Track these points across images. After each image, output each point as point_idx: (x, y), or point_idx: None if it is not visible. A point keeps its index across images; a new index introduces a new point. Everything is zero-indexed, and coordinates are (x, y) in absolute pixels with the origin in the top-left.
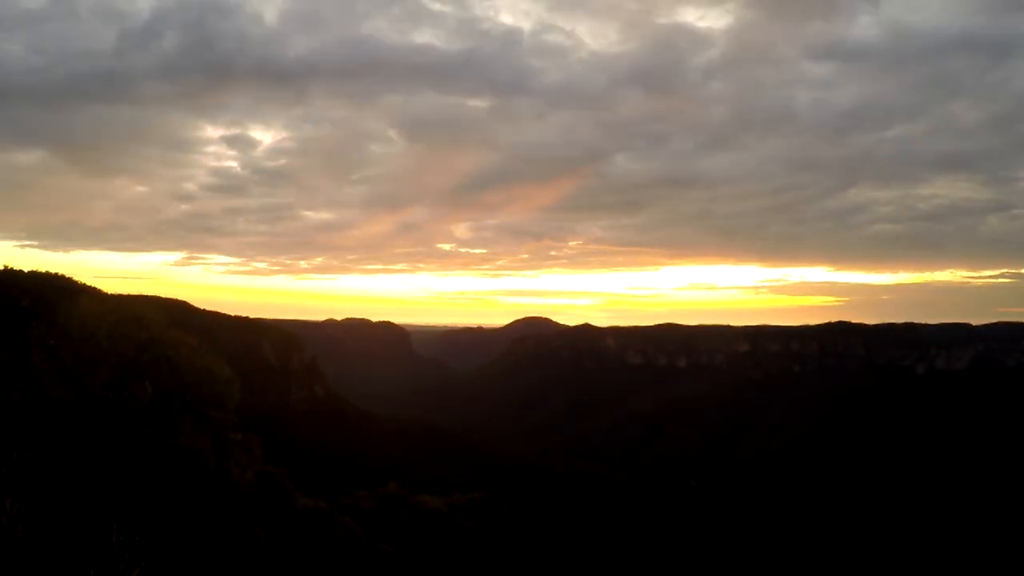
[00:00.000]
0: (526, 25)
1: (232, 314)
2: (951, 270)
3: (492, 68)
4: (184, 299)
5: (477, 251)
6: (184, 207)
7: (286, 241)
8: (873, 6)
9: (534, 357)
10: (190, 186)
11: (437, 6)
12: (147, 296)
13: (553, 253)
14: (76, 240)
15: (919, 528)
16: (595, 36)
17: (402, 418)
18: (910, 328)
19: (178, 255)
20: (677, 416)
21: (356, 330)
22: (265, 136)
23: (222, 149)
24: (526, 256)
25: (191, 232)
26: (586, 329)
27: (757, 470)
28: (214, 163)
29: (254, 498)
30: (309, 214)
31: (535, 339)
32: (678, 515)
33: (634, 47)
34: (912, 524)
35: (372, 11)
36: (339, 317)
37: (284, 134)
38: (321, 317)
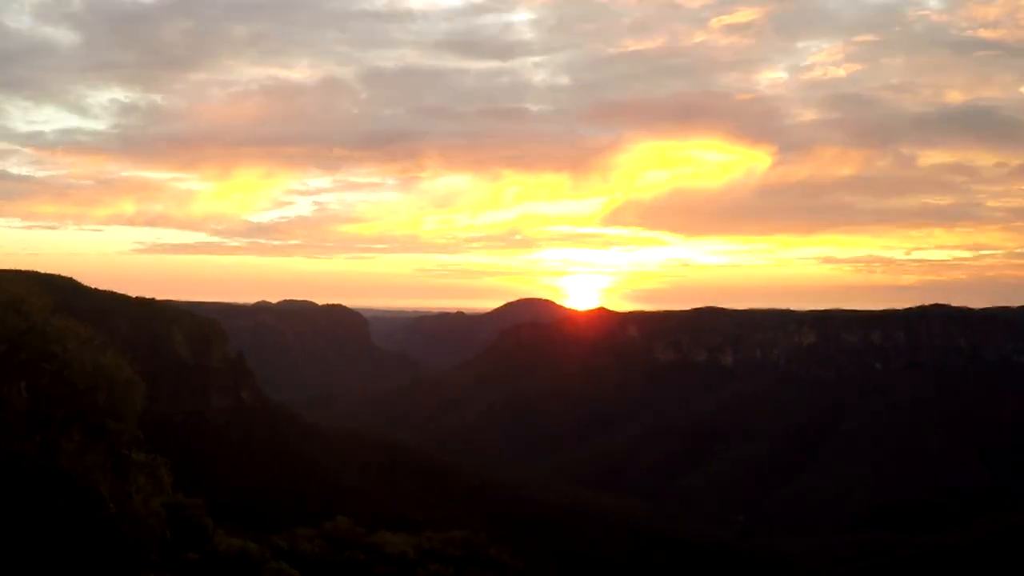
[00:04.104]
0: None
1: (133, 295)
2: None
3: None
4: (71, 275)
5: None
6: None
7: (280, 225)
8: None
9: (531, 351)
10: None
11: None
12: (25, 272)
13: (554, 228)
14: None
15: None
16: None
17: (357, 432)
18: None
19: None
20: (720, 429)
21: (297, 316)
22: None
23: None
24: (521, 231)
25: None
26: (600, 315)
27: (826, 501)
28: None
29: (162, 536)
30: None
31: (532, 327)
32: (719, 563)
33: None
34: None
35: None
36: (274, 299)
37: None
38: (251, 299)
